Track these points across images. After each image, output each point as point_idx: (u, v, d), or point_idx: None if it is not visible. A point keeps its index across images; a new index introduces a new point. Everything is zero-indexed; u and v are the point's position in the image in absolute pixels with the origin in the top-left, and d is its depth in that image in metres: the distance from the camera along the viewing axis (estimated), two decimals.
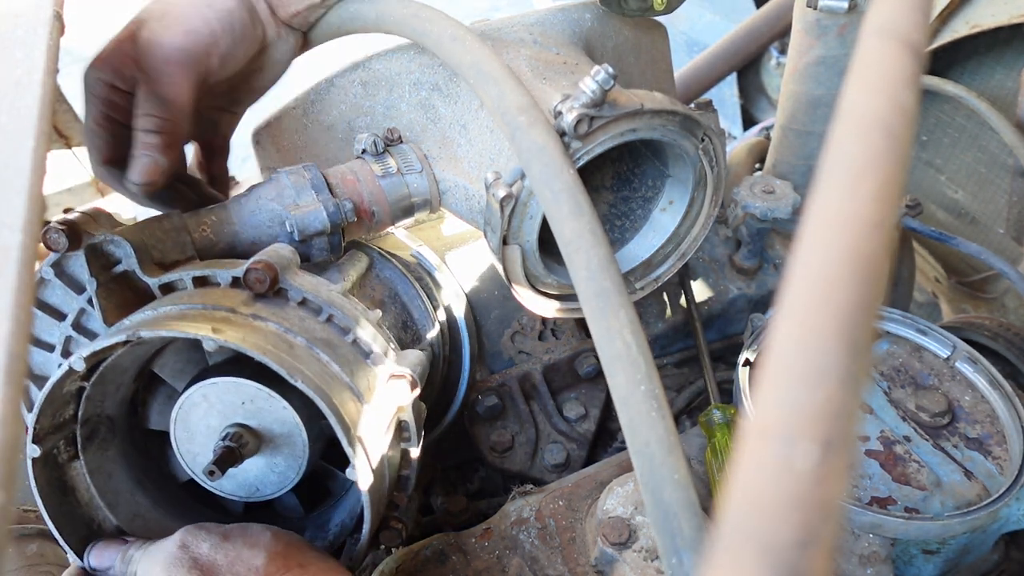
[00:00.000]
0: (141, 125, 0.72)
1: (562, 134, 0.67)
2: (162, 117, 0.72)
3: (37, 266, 0.65)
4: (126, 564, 0.64)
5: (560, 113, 0.67)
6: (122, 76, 0.72)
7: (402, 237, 0.96)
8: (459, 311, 0.95)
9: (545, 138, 0.63)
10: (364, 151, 0.82)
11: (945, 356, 0.86)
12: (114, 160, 0.75)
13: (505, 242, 0.73)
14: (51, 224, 0.65)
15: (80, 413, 0.66)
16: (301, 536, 0.67)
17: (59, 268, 0.67)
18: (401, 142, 0.83)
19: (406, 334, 0.89)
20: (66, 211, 0.69)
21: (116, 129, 0.74)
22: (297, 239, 0.76)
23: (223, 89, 0.81)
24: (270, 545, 0.61)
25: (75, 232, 0.65)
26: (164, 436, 0.70)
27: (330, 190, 0.78)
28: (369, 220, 0.81)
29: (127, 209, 1.34)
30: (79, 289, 0.68)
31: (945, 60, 1.34)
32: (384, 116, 0.87)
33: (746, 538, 0.24)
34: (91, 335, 0.70)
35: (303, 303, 0.69)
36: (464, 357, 0.95)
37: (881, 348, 0.88)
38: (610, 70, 0.65)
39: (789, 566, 0.23)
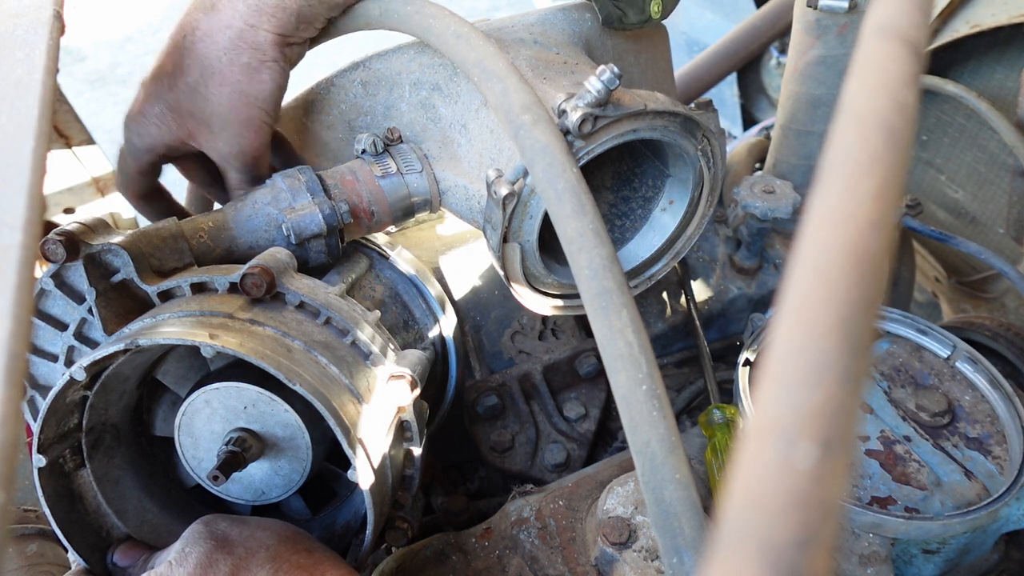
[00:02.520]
0: (234, 187, 0.83)
1: (565, 133, 0.67)
2: (249, 179, 0.82)
3: (37, 273, 0.65)
4: (146, 564, 0.66)
5: (564, 112, 0.67)
6: (183, 153, 0.83)
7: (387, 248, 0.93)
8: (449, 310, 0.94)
9: (549, 137, 0.63)
10: (364, 151, 0.82)
11: (945, 356, 0.86)
12: (150, 198, 0.87)
13: (505, 240, 0.73)
14: (48, 236, 0.64)
15: (84, 422, 0.66)
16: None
17: (59, 279, 0.67)
18: (401, 142, 0.83)
19: (408, 333, 0.89)
20: (66, 211, 0.69)
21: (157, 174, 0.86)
22: (294, 242, 0.76)
23: None
24: (281, 530, 0.65)
25: (73, 242, 0.65)
26: (170, 442, 0.70)
27: (328, 192, 0.78)
28: (369, 220, 0.81)
29: (128, 209, 1.34)
30: (79, 299, 0.68)
31: (945, 60, 1.34)
32: (384, 116, 0.86)
33: (746, 537, 0.24)
34: (93, 344, 0.70)
35: (301, 306, 0.69)
36: (451, 358, 0.95)
37: (881, 348, 0.88)
38: (615, 70, 0.64)
39: (789, 565, 0.23)
